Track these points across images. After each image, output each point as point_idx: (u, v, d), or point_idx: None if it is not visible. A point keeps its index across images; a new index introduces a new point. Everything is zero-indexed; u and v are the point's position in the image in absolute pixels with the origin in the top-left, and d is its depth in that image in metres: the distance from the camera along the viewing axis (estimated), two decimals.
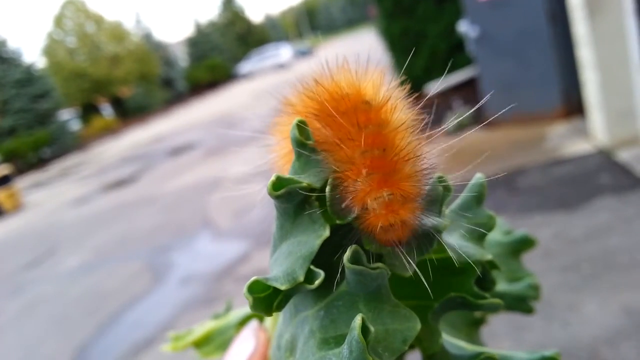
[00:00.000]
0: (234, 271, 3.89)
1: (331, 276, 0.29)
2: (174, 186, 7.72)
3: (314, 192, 0.30)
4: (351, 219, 0.29)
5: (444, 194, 0.31)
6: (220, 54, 35.47)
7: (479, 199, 0.35)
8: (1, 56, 20.48)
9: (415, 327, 0.28)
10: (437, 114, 0.33)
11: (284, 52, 32.40)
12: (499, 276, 0.43)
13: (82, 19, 27.98)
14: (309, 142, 0.30)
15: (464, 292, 0.32)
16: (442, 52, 6.31)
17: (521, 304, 0.43)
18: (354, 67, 0.32)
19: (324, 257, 0.29)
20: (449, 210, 0.35)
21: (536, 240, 0.47)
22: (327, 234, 0.28)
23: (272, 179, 0.28)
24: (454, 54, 6.19)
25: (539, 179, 3.64)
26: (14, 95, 20.18)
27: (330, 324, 0.29)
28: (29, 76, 20.82)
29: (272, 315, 0.30)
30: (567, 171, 3.60)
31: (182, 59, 35.59)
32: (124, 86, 28.13)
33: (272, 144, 0.37)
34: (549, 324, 2.18)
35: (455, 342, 0.37)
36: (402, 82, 0.32)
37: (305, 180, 0.29)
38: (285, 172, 0.30)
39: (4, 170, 10.79)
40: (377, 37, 8.41)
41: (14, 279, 5.74)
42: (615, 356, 1.93)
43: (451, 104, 5.37)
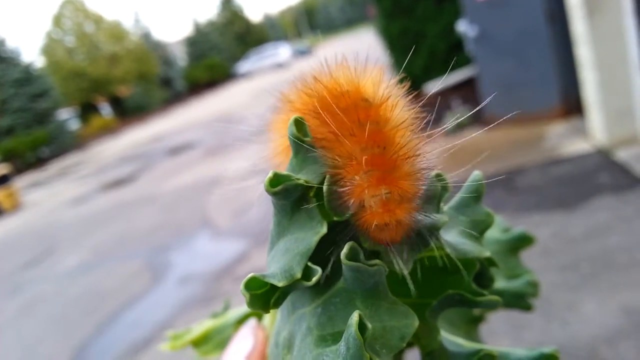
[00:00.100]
0: (233, 270, 3.89)
1: (329, 273, 0.29)
2: (172, 186, 7.72)
3: (312, 189, 0.29)
4: (349, 215, 0.29)
5: (442, 192, 0.31)
6: (219, 54, 35.46)
7: (477, 197, 0.35)
8: (0, 55, 20.48)
9: (412, 324, 0.28)
10: (436, 114, 0.33)
11: (283, 51, 32.40)
12: (497, 274, 0.43)
13: (80, 19, 27.97)
14: (307, 139, 0.30)
15: (462, 289, 0.32)
16: (441, 52, 6.31)
17: (520, 301, 0.43)
18: (353, 65, 0.32)
19: (321, 253, 0.28)
20: (447, 207, 0.35)
21: (534, 237, 0.47)
22: (324, 230, 0.28)
23: (270, 175, 0.28)
24: (453, 53, 6.19)
25: (538, 178, 3.64)
26: (12, 94, 20.17)
27: (327, 321, 0.29)
28: (28, 75, 20.81)
29: (270, 312, 0.30)
30: (566, 170, 3.60)
31: (181, 58, 35.57)
32: (122, 85, 28.12)
33: (271, 141, 0.37)
34: (548, 323, 2.18)
35: (453, 340, 0.37)
36: (402, 80, 0.32)
37: (302, 176, 0.29)
38: (283, 169, 0.30)
39: (2, 169, 10.78)
40: (376, 36, 8.40)
41: (13, 278, 5.73)
42: (614, 355, 1.94)
43: (450, 103, 5.38)
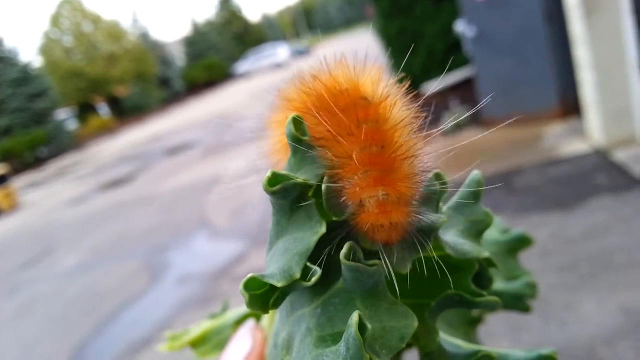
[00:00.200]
0: (231, 271, 3.88)
1: (328, 273, 0.29)
2: (171, 186, 7.71)
3: (310, 188, 0.29)
4: (347, 215, 0.29)
5: (440, 192, 0.31)
6: (217, 54, 35.44)
7: (475, 197, 0.35)
8: None
9: (412, 324, 0.28)
10: (435, 114, 0.33)
11: (281, 51, 32.38)
12: (496, 275, 0.43)
13: (78, 18, 27.94)
14: (305, 138, 0.30)
15: (461, 289, 0.32)
16: (439, 52, 6.31)
17: (518, 302, 0.43)
18: (351, 64, 0.32)
19: (320, 253, 0.28)
20: (446, 207, 0.35)
21: (533, 238, 0.46)
22: (323, 230, 0.28)
23: (268, 174, 0.28)
24: (451, 53, 6.19)
25: (536, 178, 3.64)
26: (10, 94, 20.14)
27: (326, 321, 0.29)
28: (26, 75, 20.78)
29: (269, 312, 0.30)
30: (563, 171, 3.60)
31: (179, 58, 35.54)
32: (120, 85, 28.10)
33: (269, 138, 0.37)
34: (547, 324, 2.18)
35: (452, 341, 0.37)
36: (401, 80, 0.32)
37: (301, 176, 0.29)
38: (281, 167, 0.30)
39: (0, 169, 10.76)
40: (374, 36, 8.41)
41: (11, 278, 5.73)
42: (612, 355, 1.94)
43: (448, 103, 5.38)
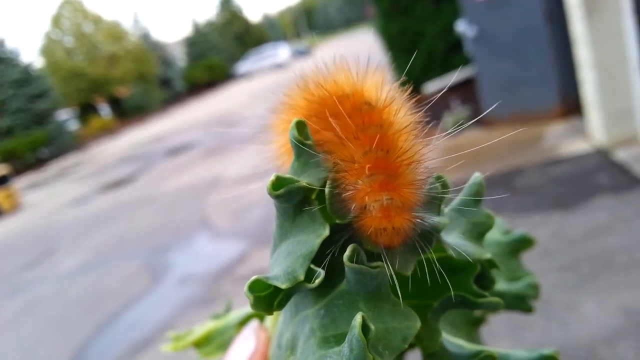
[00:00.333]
0: (233, 271, 3.88)
1: (331, 275, 0.29)
2: (172, 186, 7.71)
3: (314, 192, 0.30)
4: (350, 218, 0.29)
5: (443, 194, 0.31)
6: (218, 54, 35.43)
7: (477, 199, 0.35)
8: None
9: (415, 325, 0.28)
10: (435, 114, 0.33)
11: (282, 51, 32.38)
12: (498, 275, 0.43)
13: (79, 19, 27.94)
14: (308, 142, 0.30)
15: (463, 291, 0.32)
16: (440, 52, 6.31)
17: (521, 303, 0.43)
18: (354, 67, 0.32)
19: (324, 256, 0.29)
20: (448, 209, 0.35)
21: (535, 239, 0.47)
22: (326, 233, 0.28)
23: (272, 178, 0.28)
24: (452, 53, 6.19)
25: (537, 178, 3.64)
26: (11, 95, 20.15)
27: (330, 322, 0.29)
28: (27, 76, 20.78)
29: (273, 314, 0.30)
30: (565, 171, 3.60)
31: (180, 58, 35.54)
32: (121, 86, 28.10)
33: (272, 143, 0.37)
34: (548, 324, 2.18)
35: (455, 341, 0.37)
36: (403, 83, 0.32)
37: (304, 179, 0.29)
38: (285, 170, 0.30)
39: (1, 170, 10.77)
40: (375, 36, 8.40)
41: (12, 279, 5.73)
42: (613, 355, 1.94)
43: (449, 103, 5.37)
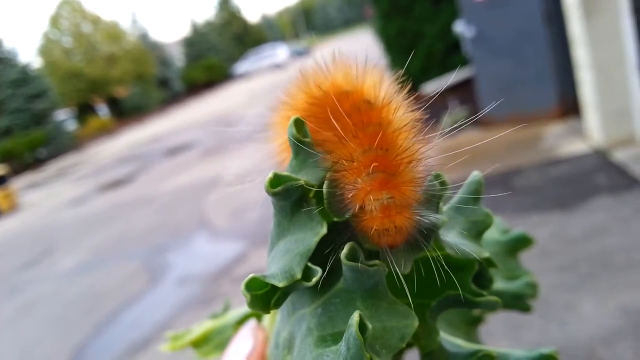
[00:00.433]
0: (231, 271, 3.88)
1: (329, 273, 0.29)
2: (170, 186, 7.71)
3: (312, 190, 0.29)
4: (348, 216, 0.29)
5: (441, 193, 0.31)
6: (216, 54, 35.42)
7: (475, 197, 0.35)
8: None
9: (412, 324, 0.28)
10: (434, 114, 0.33)
11: (281, 52, 32.36)
12: (496, 275, 0.43)
13: (78, 19, 27.92)
14: (307, 140, 0.30)
15: (461, 290, 0.32)
16: (439, 52, 6.32)
17: (519, 302, 0.43)
18: (354, 66, 0.32)
19: (321, 254, 0.29)
20: (447, 208, 0.35)
21: (533, 239, 0.47)
22: (324, 231, 0.28)
23: (270, 176, 0.28)
24: (451, 54, 6.20)
25: (536, 178, 3.64)
26: (9, 95, 20.13)
27: (327, 321, 0.29)
28: (25, 76, 20.76)
29: (270, 312, 0.30)
30: (563, 171, 3.61)
31: (178, 59, 35.51)
32: (120, 86, 28.08)
33: (270, 141, 0.37)
34: (547, 324, 2.19)
35: (453, 340, 0.37)
36: (402, 82, 0.32)
37: (302, 177, 0.29)
38: (285, 167, 0.30)
39: (0, 170, 10.75)
40: (374, 37, 8.41)
41: (11, 279, 5.72)
42: (611, 355, 1.94)
43: (447, 104, 5.38)
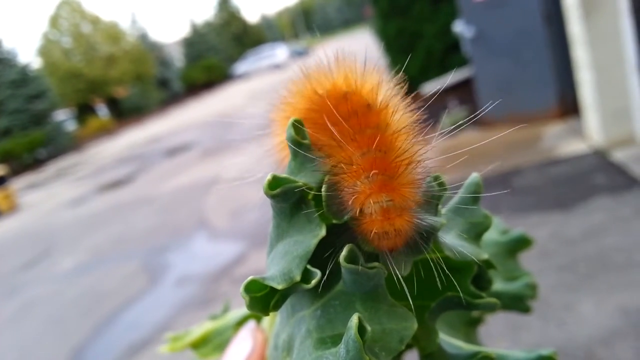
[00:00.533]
0: (231, 272, 3.88)
1: (328, 276, 0.29)
2: (170, 187, 7.71)
3: (310, 192, 0.29)
4: (347, 218, 0.29)
5: (440, 194, 0.31)
6: (216, 54, 35.40)
7: (474, 199, 0.35)
8: None
9: (411, 326, 0.28)
10: (433, 114, 0.33)
11: (280, 52, 32.34)
12: (496, 276, 0.43)
13: (77, 19, 27.90)
14: (305, 142, 0.30)
15: (460, 291, 0.32)
16: (438, 53, 6.32)
17: (518, 303, 0.43)
18: (352, 67, 0.32)
19: (320, 256, 0.28)
20: (446, 209, 0.35)
21: (533, 239, 0.47)
22: (323, 233, 0.28)
23: (268, 178, 0.28)
24: (450, 54, 6.20)
25: (535, 179, 3.64)
26: (9, 95, 20.11)
27: (326, 323, 0.29)
28: (24, 77, 20.74)
29: (269, 314, 0.30)
30: (562, 171, 3.61)
31: (178, 59, 35.50)
32: (119, 86, 28.06)
33: (269, 143, 0.37)
34: (546, 324, 2.19)
35: (452, 342, 0.37)
36: (401, 83, 0.32)
37: (301, 179, 0.29)
38: (284, 165, 0.30)
39: None
40: (373, 37, 8.41)
41: (10, 280, 5.72)
42: (611, 356, 1.94)
43: (447, 104, 5.38)
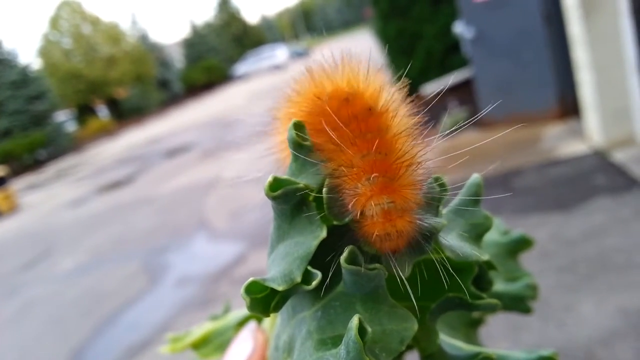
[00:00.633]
0: (231, 272, 3.88)
1: (328, 277, 0.29)
2: (170, 187, 7.71)
3: (311, 193, 0.29)
4: (348, 220, 0.29)
5: (441, 195, 0.31)
6: (216, 55, 35.40)
7: (475, 200, 0.35)
8: None
9: (412, 327, 0.28)
10: (433, 115, 0.33)
11: (280, 53, 32.34)
12: (496, 276, 0.43)
13: (77, 20, 27.90)
14: (307, 144, 0.30)
15: (461, 292, 0.32)
16: (438, 53, 6.32)
17: (519, 303, 0.43)
18: (355, 69, 0.32)
19: (321, 257, 0.29)
20: (446, 210, 0.35)
21: (533, 240, 0.47)
22: (324, 234, 0.28)
23: (269, 179, 0.28)
24: (450, 55, 6.20)
25: (535, 179, 3.64)
26: (9, 96, 20.10)
27: (327, 324, 0.29)
28: (25, 77, 20.74)
29: (270, 316, 0.30)
30: (562, 172, 3.61)
31: (178, 60, 35.49)
32: (119, 87, 28.06)
33: (271, 141, 0.37)
34: (546, 325, 2.18)
35: (453, 343, 0.37)
36: (401, 84, 0.32)
37: (302, 181, 0.29)
38: (286, 164, 0.30)
39: None
40: (373, 38, 8.41)
41: (10, 280, 5.71)
42: (610, 356, 1.94)
43: (447, 105, 5.38)
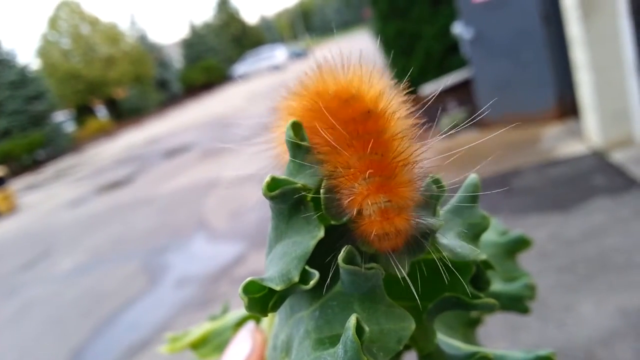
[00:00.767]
0: (230, 273, 3.88)
1: (326, 277, 0.29)
2: (169, 188, 7.70)
3: (309, 193, 0.30)
4: (346, 220, 0.29)
5: (439, 195, 0.31)
6: (215, 56, 35.40)
7: (473, 199, 0.35)
8: None
9: (409, 327, 0.28)
10: (432, 116, 0.33)
11: (279, 53, 32.35)
12: (494, 276, 0.43)
13: (76, 21, 27.89)
14: (304, 143, 0.30)
15: (458, 292, 0.32)
16: (437, 54, 6.32)
17: (517, 303, 0.43)
18: (357, 71, 0.32)
19: (319, 257, 0.29)
20: (444, 210, 0.35)
21: (532, 240, 0.47)
22: (321, 234, 0.28)
23: (267, 179, 0.28)
24: (449, 55, 6.20)
25: (534, 180, 3.65)
26: (8, 96, 20.10)
27: (325, 324, 0.29)
28: (23, 78, 20.74)
29: (268, 315, 0.30)
30: (561, 172, 3.61)
31: (177, 60, 35.49)
32: (118, 88, 28.05)
33: (269, 144, 0.37)
34: (545, 325, 2.19)
35: (450, 342, 0.37)
36: (400, 86, 0.32)
37: (300, 181, 0.29)
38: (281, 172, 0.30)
39: None
40: (372, 38, 8.41)
41: (9, 280, 5.71)
42: (610, 356, 1.94)
43: (446, 105, 5.39)
